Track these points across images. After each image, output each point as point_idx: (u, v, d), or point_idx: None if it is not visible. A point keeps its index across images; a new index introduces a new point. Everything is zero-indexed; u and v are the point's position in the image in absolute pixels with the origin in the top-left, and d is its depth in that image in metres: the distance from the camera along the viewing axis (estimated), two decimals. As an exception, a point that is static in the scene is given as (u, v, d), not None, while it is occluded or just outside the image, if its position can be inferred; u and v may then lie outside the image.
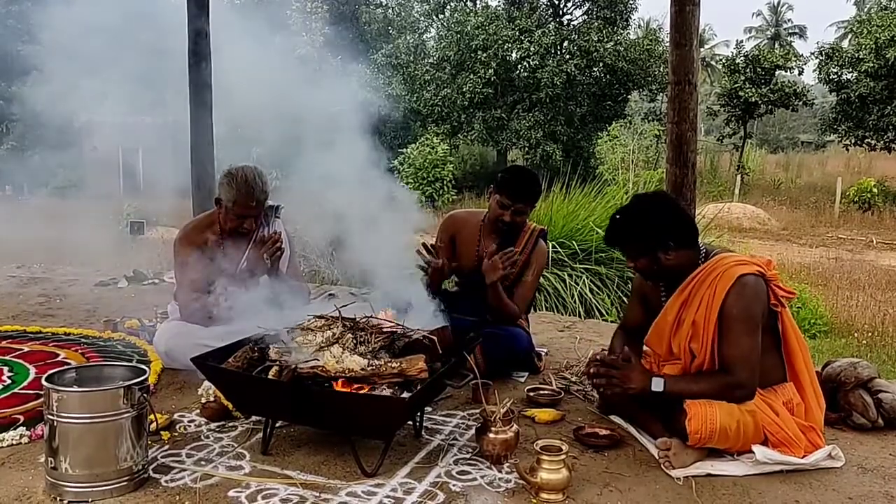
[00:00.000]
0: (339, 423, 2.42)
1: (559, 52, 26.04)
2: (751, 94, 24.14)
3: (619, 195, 7.70)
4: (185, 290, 3.32)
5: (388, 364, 2.38)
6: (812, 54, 24.78)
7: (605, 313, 6.13)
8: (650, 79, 26.32)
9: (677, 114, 4.19)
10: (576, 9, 27.58)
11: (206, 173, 5.18)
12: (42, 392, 2.16)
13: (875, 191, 20.00)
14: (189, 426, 2.72)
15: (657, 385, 2.41)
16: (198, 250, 3.25)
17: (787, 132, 41.38)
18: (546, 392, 3.10)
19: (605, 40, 25.11)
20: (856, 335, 6.85)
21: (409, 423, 2.62)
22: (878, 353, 6.26)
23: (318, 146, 3.18)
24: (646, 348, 2.84)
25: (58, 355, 3.63)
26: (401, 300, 2.83)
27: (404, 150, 21.22)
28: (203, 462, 2.41)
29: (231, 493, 2.19)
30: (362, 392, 2.35)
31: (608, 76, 26.39)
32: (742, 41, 39.43)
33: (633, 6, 26.62)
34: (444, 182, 20.72)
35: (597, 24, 25.77)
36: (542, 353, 3.67)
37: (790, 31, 43.93)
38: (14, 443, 2.54)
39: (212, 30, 5.10)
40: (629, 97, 28.45)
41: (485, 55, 24.75)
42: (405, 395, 2.33)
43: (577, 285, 6.26)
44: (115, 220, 11.90)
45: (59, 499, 2.15)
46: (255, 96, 3.90)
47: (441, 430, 2.73)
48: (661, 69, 25.06)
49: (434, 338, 2.54)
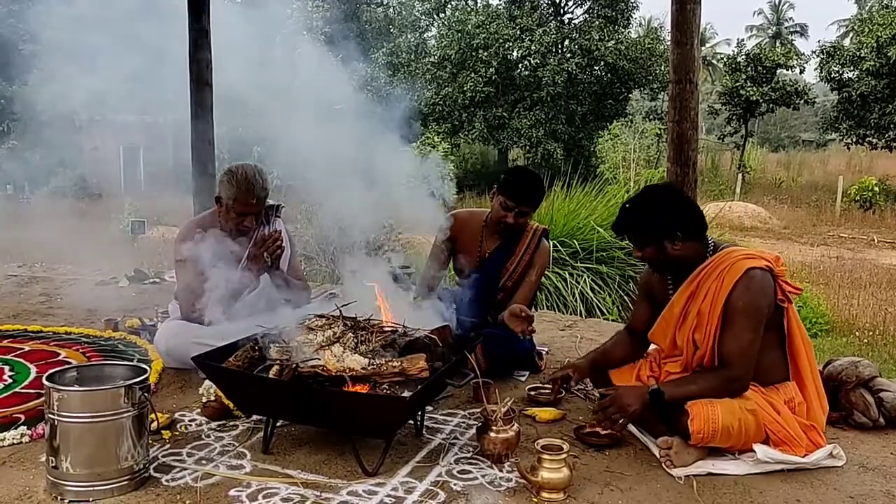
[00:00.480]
0: (340, 422, 2.41)
1: (560, 51, 26.02)
2: (752, 92, 24.16)
3: (620, 194, 7.70)
4: (186, 290, 3.32)
5: (389, 363, 2.38)
6: (813, 53, 24.83)
7: (606, 312, 6.14)
8: (651, 77, 26.32)
9: (678, 112, 4.19)
10: (577, 7, 27.56)
11: (207, 172, 5.18)
12: (43, 391, 2.16)
13: (876, 189, 19.98)
14: (190, 425, 2.72)
15: (654, 395, 2.42)
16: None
17: (788, 131, 41.39)
18: (547, 391, 3.10)
19: (607, 39, 25.10)
20: (857, 334, 6.86)
21: (410, 422, 2.62)
22: (879, 351, 6.26)
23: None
24: (647, 350, 2.85)
25: (59, 354, 3.63)
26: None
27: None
28: (204, 461, 2.41)
29: (232, 493, 2.19)
30: (363, 391, 2.35)
31: (609, 75, 26.39)
32: (743, 40, 39.57)
33: (635, 5, 26.62)
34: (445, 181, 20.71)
35: (598, 22, 25.76)
36: (543, 352, 3.67)
37: (791, 29, 43.87)
38: (15, 442, 2.54)
39: (212, 30, 5.11)
40: (630, 96, 28.47)
41: (486, 54, 24.75)
42: (406, 394, 2.33)
43: (578, 284, 6.27)
44: (115, 219, 11.89)
45: (59, 498, 2.15)
46: (255, 97, 3.91)
47: (442, 429, 2.73)
48: (663, 68, 25.08)
49: (434, 337, 2.54)
